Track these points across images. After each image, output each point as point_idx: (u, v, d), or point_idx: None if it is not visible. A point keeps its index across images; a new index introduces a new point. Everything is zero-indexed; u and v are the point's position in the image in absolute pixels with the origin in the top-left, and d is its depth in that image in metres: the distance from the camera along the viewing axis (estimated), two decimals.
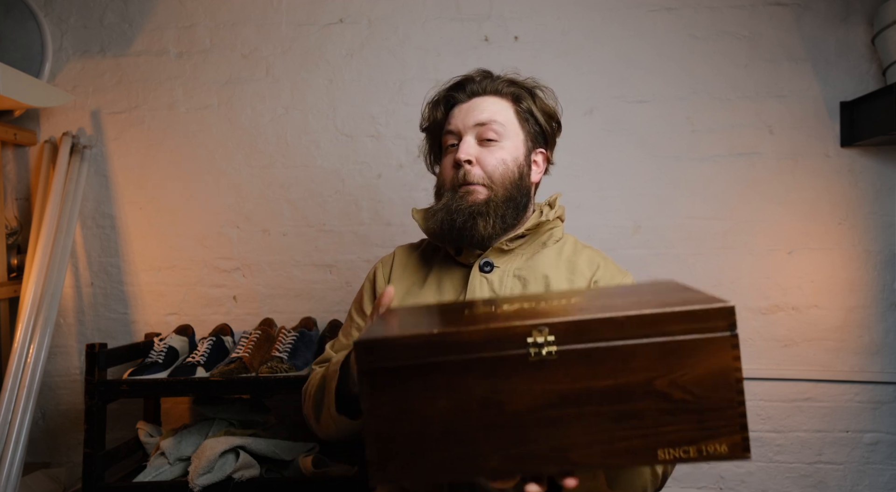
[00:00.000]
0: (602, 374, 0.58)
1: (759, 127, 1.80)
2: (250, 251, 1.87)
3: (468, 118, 0.99)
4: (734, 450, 0.57)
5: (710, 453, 0.58)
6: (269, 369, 1.51)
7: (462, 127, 0.99)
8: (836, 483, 1.75)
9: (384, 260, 1.12)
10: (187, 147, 1.89)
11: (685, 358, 0.57)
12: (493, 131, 0.97)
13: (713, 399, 0.57)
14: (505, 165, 0.96)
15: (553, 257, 1.01)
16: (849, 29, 1.78)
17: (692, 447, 0.58)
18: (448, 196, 0.97)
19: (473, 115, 0.98)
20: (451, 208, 0.95)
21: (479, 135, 0.97)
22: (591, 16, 1.84)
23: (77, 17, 1.90)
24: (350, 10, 1.88)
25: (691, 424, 0.58)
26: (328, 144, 1.87)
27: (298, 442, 1.59)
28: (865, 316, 1.76)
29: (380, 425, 0.59)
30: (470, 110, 0.99)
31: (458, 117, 1.00)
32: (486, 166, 0.96)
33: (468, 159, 0.95)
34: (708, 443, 0.57)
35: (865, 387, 1.76)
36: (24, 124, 1.89)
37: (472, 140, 0.97)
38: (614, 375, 0.58)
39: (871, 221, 1.77)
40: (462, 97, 1.02)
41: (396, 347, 0.59)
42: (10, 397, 1.57)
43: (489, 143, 0.97)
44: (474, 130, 0.97)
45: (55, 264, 1.72)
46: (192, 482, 1.41)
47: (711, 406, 0.57)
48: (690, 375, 0.57)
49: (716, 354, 0.57)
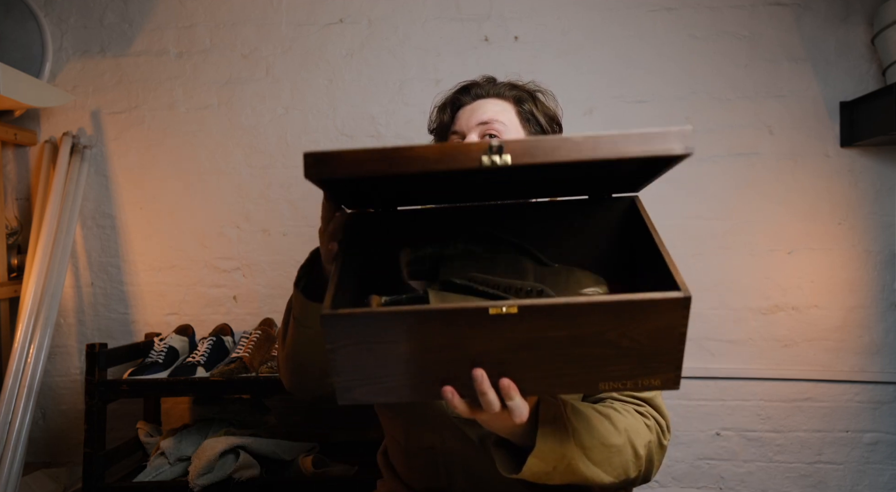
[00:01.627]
0: (558, 326, 0.62)
1: (759, 127, 1.80)
2: (250, 251, 1.87)
3: (471, 118, 1.03)
4: (666, 383, 0.66)
5: (644, 385, 0.66)
6: (269, 368, 1.51)
7: (466, 127, 1.03)
8: (836, 483, 1.76)
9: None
10: (187, 147, 1.89)
11: (638, 315, 0.62)
12: (495, 130, 1.00)
13: (656, 347, 0.64)
14: None
15: None
16: (849, 29, 1.78)
17: (630, 381, 0.66)
18: None
19: (476, 116, 1.02)
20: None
21: (481, 133, 1.01)
22: (591, 16, 1.84)
23: (77, 17, 1.90)
24: (350, 10, 1.88)
25: (632, 364, 0.65)
26: (328, 144, 1.87)
27: (298, 442, 1.59)
28: (865, 316, 1.76)
29: (345, 360, 0.65)
30: (473, 111, 1.04)
31: (463, 119, 1.04)
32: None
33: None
34: (644, 378, 0.66)
35: (865, 387, 1.76)
36: (25, 124, 1.89)
37: (475, 138, 1.01)
38: (569, 328, 0.62)
39: (871, 221, 1.77)
40: (467, 100, 1.06)
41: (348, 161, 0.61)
42: (11, 397, 1.57)
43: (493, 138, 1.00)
44: (477, 128, 1.01)
45: (55, 264, 1.72)
46: (192, 482, 1.41)
47: (653, 352, 0.64)
48: (640, 328, 0.63)
49: (667, 314, 0.62)
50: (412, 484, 1.02)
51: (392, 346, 0.64)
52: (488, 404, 0.66)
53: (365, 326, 0.62)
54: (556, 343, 0.63)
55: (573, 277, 0.78)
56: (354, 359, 0.65)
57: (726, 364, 1.79)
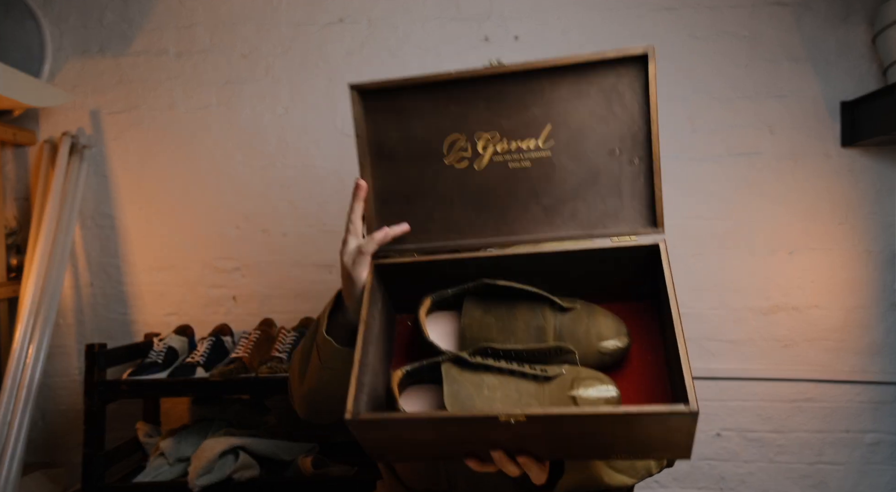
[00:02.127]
0: (568, 427, 0.65)
1: (759, 127, 1.80)
2: (250, 251, 1.87)
3: None
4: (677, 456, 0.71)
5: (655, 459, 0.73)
6: (268, 369, 1.51)
7: None
8: (837, 484, 1.75)
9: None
10: (187, 147, 1.88)
11: (646, 423, 0.64)
12: None
13: (666, 440, 0.67)
14: None
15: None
16: (849, 29, 1.78)
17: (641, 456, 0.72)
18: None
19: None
20: None
21: None
22: (591, 16, 1.84)
23: (76, 17, 1.90)
24: (350, 9, 1.87)
25: (643, 447, 0.68)
26: (328, 144, 1.87)
27: (298, 442, 1.59)
28: (866, 316, 1.76)
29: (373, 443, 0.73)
30: None
31: None
32: None
33: None
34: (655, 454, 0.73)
35: (866, 387, 1.75)
36: (24, 124, 1.89)
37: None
38: (579, 428, 0.65)
39: (871, 222, 1.76)
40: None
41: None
42: (10, 398, 1.57)
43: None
44: None
45: (55, 264, 1.72)
46: (192, 483, 1.41)
47: (664, 443, 0.68)
48: (648, 430, 0.65)
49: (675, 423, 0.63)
50: (413, 486, 1.02)
51: (415, 435, 0.70)
52: (510, 472, 0.72)
53: (387, 426, 0.68)
54: (568, 435, 0.66)
55: (594, 328, 0.77)
56: (381, 442, 0.72)
57: (727, 364, 1.79)
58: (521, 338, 0.77)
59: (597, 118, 0.78)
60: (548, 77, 0.78)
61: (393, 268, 0.82)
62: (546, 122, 0.79)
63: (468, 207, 0.82)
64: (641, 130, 0.78)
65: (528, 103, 0.79)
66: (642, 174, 0.78)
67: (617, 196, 0.79)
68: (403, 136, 0.83)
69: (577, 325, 0.77)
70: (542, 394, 0.71)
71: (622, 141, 0.79)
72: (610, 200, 0.79)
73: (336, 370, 0.87)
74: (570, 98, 0.78)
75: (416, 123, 0.82)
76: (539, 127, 0.79)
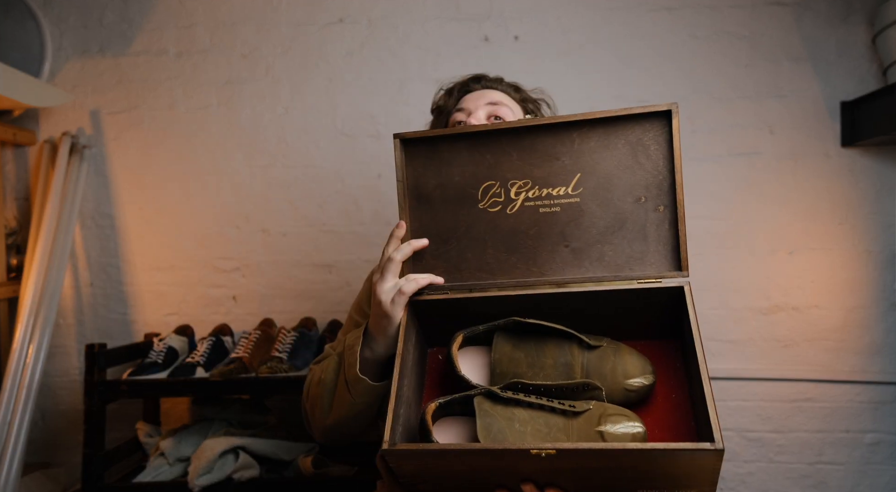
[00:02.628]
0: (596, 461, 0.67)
1: (760, 127, 1.80)
2: (250, 251, 1.87)
3: (480, 99, 1.06)
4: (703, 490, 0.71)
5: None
6: (268, 369, 1.51)
7: (473, 106, 1.05)
8: (837, 484, 1.75)
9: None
10: (187, 147, 1.88)
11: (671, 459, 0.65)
12: (501, 113, 1.04)
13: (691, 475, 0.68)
14: None
15: None
16: (849, 29, 1.78)
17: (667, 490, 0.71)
18: None
19: (486, 97, 1.06)
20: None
21: (489, 113, 1.04)
22: (591, 16, 1.84)
23: (76, 17, 1.90)
24: (350, 10, 1.87)
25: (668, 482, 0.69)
26: (328, 144, 1.87)
27: (298, 442, 1.59)
28: (866, 316, 1.76)
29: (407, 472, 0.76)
30: (482, 95, 1.07)
31: (471, 99, 1.07)
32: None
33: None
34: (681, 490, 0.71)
35: (866, 387, 1.75)
36: (24, 124, 1.89)
37: (482, 115, 1.04)
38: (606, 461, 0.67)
39: (871, 222, 1.76)
40: (476, 86, 1.10)
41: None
42: (10, 398, 1.56)
43: (499, 120, 1.04)
44: (486, 107, 1.04)
45: (55, 264, 1.72)
46: (192, 483, 1.41)
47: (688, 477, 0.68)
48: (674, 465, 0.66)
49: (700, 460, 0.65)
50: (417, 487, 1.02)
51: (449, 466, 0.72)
52: None
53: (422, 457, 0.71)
54: (595, 469, 0.68)
55: (620, 366, 0.80)
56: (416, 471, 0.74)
57: (727, 364, 1.79)
58: (550, 374, 0.80)
59: (623, 168, 0.83)
60: (577, 130, 0.84)
61: (427, 304, 0.86)
62: (576, 171, 0.84)
63: (500, 248, 0.87)
64: (666, 180, 0.83)
65: (558, 154, 0.85)
66: (667, 220, 0.83)
67: (642, 240, 0.83)
68: (441, 181, 0.89)
69: (603, 362, 0.80)
70: (570, 429, 0.74)
71: (647, 189, 0.83)
72: (636, 244, 0.84)
73: (368, 405, 0.91)
74: (599, 149, 0.83)
75: (453, 170, 0.88)
76: (569, 175, 0.84)
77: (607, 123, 0.83)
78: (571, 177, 0.84)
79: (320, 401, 0.96)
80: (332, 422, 0.95)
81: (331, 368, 0.96)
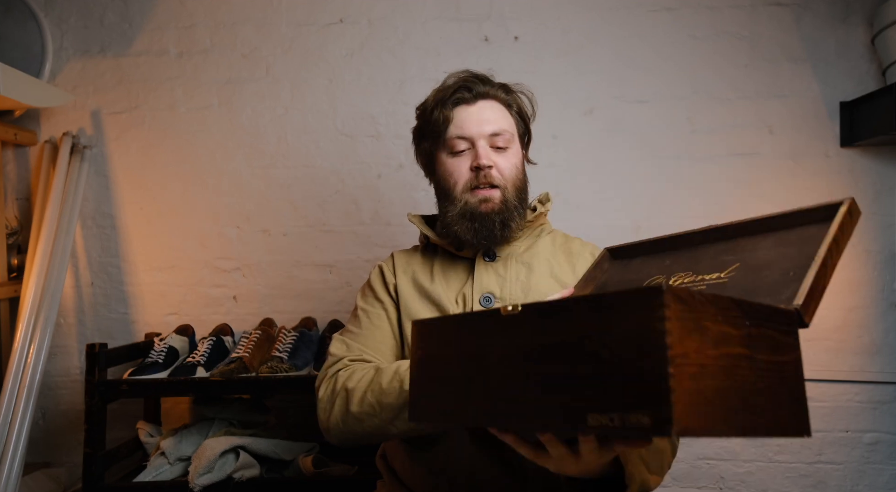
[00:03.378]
0: (550, 330, 0.58)
1: (759, 127, 1.80)
2: (250, 251, 1.87)
3: (482, 127, 1.04)
4: (658, 424, 0.48)
5: (632, 423, 0.50)
6: (269, 368, 1.51)
7: (476, 134, 1.04)
8: (836, 483, 1.75)
9: (385, 262, 1.15)
10: (187, 147, 1.89)
11: (614, 314, 0.53)
12: (504, 140, 1.04)
13: (638, 364, 0.50)
14: (517, 169, 1.06)
15: (549, 246, 1.11)
16: (849, 29, 1.78)
17: (617, 415, 0.51)
18: (464, 200, 1.04)
19: (486, 125, 1.04)
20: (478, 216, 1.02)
21: (491, 143, 1.04)
22: (591, 16, 1.84)
23: (77, 17, 1.90)
24: (350, 10, 1.88)
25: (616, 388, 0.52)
26: (328, 144, 1.87)
27: (298, 442, 1.59)
28: (865, 316, 1.76)
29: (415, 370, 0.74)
30: (480, 118, 1.05)
31: (470, 123, 1.05)
32: (503, 171, 1.04)
33: (490, 164, 1.03)
34: (632, 413, 0.50)
35: (865, 387, 1.76)
36: (25, 124, 1.89)
37: (487, 146, 1.04)
38: (559, 333, 0.57)
39: (871, 221, 1.77)
40: (468, 97, 1.07)
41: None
42: (11, 397, 1.57)
43: (501, 150, 1.05)
44: (488, 138, 1.04)
45: (55, 264, 1.72)
46: (192, 482, 1.41)
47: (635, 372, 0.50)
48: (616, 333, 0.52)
49: (639, 311, 0.51)
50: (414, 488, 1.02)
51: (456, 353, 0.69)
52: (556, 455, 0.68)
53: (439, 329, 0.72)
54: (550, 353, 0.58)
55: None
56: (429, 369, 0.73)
57: None
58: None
59: (780, 253, 0.83)
60: (750, 236, 0.87)
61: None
62: (736, 262, 0.86)
63: None
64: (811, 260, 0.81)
65: (721, 251, 0.88)
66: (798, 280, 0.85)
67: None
68: (618, 279, 0.92)
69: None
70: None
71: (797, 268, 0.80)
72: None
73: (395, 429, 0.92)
74: (766, 247, 0.84)
75: (630, 269, 0.92)
76: (728, 265, 0.86)
77: (781, 225, 0.84)
78: (729, 265, 0.86)
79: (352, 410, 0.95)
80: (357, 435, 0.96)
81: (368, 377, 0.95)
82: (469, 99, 1.06)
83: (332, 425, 0.97)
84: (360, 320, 1.08)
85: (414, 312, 1.03)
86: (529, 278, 1.04)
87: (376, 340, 1.04)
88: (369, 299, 1.10)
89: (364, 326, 1.07)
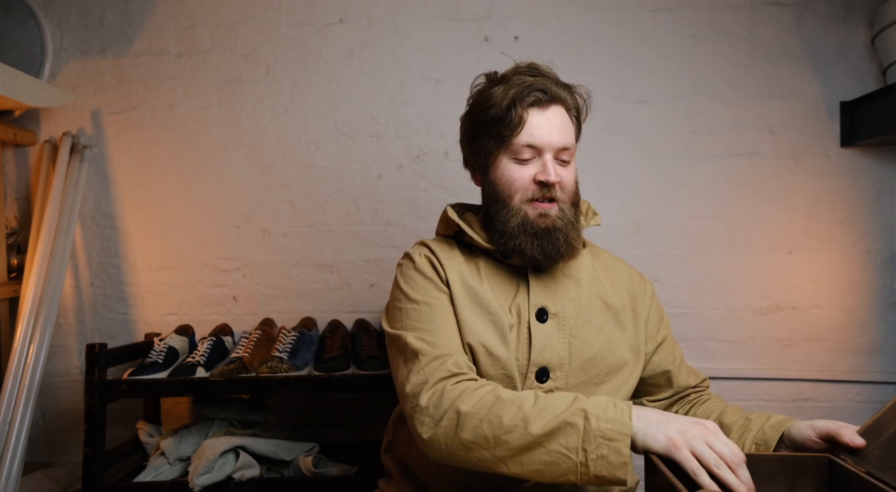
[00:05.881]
0: None
1: (759, 127, 1.80)
2: (250, 251, 1.87)
3: (552, 138, 1.01)
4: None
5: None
6: (269, 368, 1.51)
7: (546, 145, 1.01)
8: None
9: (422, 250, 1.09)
10: (187, 147, 1.89)
11: None
12: (569, 154, 1.04)
13: None
14: (576, 184, 1.07)
15: (589, 259, 1.13)
16: (849, 29, 1.78)
17: None
18: (523, 211, 1.01)
19: (556, 137, 1.01)
20: (541, 232, 1.01)
21: (557, 156, 1.03)
22: (591, 16, 1.84)
23: (77, 17, 1.90)
24: (350, 10, 1.88)
25: None
26: (328, 144, 1.87)
27: (298, 442, 1.59)
28: (865, 316, 1.76)
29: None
30: (551, 128, 1.02)
31: (541, 132, 1.01)
32: (564, 187, 1.03)
33: (557, 181, 1.01)
34: None
35: (865, 387, 1.76)
36: (24, 124, 1.89)
37: (552, 159, 1.02)
38: None
39: (871, 222, 1.77)
40: (543, 99, 1.03)
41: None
42: (10, 397, 1.57)
43: (564, 163, 1.04)
44: (557, 152, 1.03)
45: (55, 264, 1.72)
46: (192, 482, 1.41)
47: None
48: None
49: None
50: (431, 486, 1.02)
51: None
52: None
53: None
54: None
55: None
56: None
57: (726, 364, 1.79)
58: None
59: None
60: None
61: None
62: None
63: None
64: None
65: None
66: None
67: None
68: None
69: None
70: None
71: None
72: None
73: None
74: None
75: None
76: None
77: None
78: None
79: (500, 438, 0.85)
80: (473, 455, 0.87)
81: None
82: (544, 102, 1.02)
83: (432, 442, 0.89)
84: (422, 314, 1.00)
85: (466, 316, 0.99)
86: (579, 294, 1.05)
87: (452, 334, 0.98)
88: (430, 290, 1.02)
89: (436, 320, 0.99)
